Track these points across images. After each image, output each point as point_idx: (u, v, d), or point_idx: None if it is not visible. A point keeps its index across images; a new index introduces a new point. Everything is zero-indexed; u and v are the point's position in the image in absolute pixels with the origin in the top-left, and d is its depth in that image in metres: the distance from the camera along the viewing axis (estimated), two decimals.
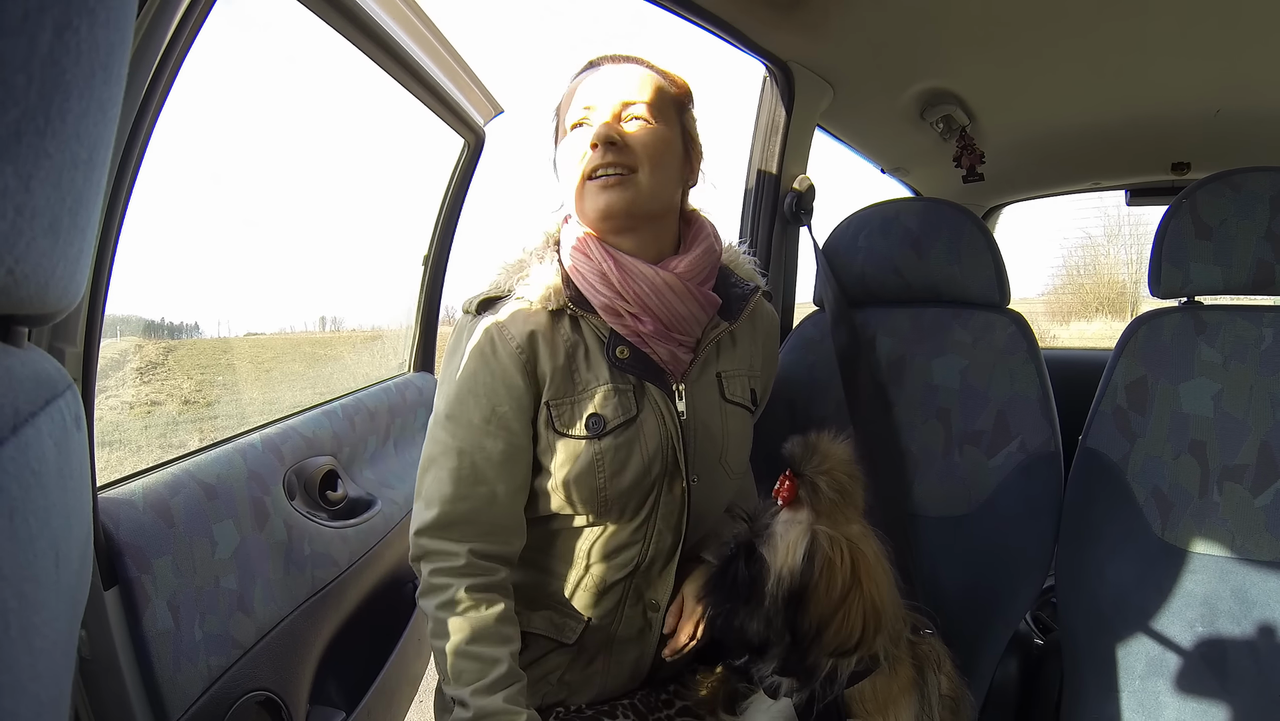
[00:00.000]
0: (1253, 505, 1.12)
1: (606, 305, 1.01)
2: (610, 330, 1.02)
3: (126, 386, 2.09)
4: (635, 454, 1.02)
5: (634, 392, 1.03)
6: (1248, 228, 1.18)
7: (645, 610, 1.10)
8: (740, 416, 1.13)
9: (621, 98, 1.00)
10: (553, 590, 1.09)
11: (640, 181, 0.99)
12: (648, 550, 1.07)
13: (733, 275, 1.14)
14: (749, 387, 1.15)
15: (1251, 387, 1.16)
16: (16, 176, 0.27)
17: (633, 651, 1.11)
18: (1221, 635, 1.10)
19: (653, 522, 1.06)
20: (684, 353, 1.05)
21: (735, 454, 1.13)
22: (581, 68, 1.06)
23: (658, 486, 1.05)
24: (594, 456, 1.01)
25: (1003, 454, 1.30)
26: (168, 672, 0.97)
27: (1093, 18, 1.53)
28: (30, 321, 0.35)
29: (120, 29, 0.33)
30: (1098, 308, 8.51)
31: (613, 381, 1.02)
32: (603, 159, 0.98)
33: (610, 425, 1.01)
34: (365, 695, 1.38)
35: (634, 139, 0.99)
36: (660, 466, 1.04)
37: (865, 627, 0.89)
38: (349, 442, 1.48)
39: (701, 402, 1.08)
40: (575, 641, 1.08)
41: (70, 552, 0.35)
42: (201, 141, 1.58)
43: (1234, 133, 1.99)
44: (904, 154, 2.36)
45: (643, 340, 1.02)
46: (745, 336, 1.15)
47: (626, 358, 1.02)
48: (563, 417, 1.02)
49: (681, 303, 1.02)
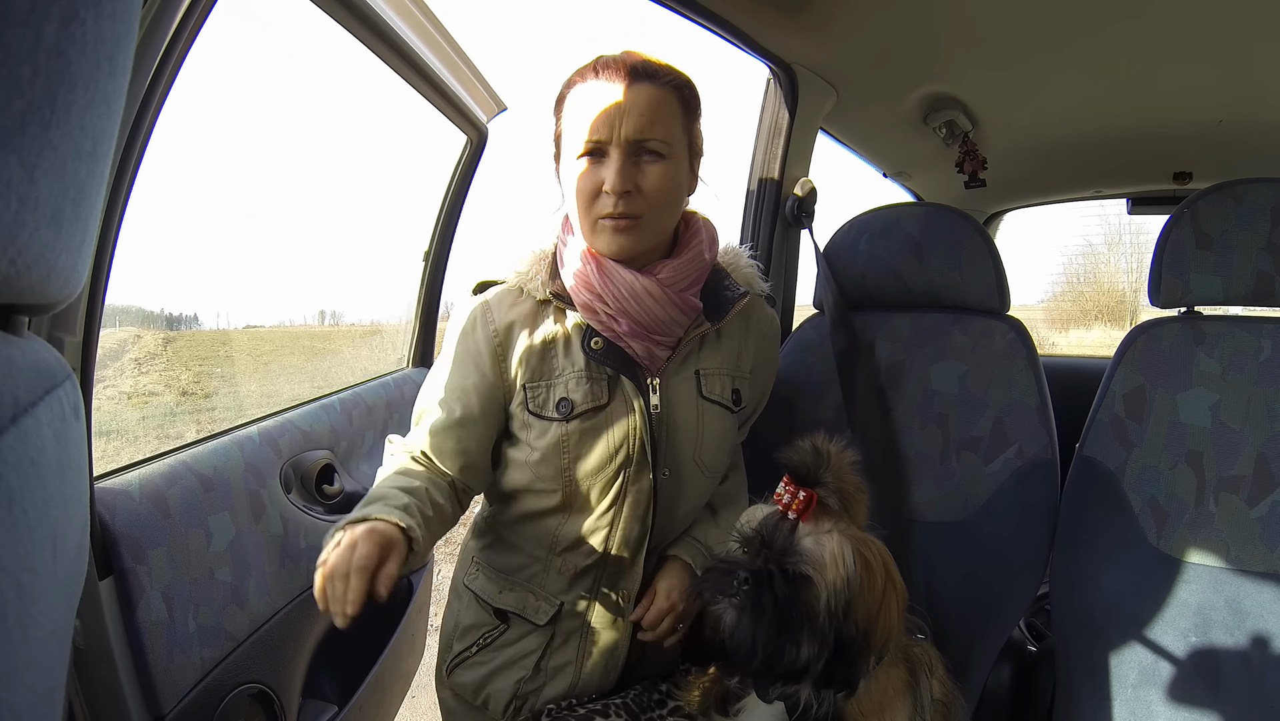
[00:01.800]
0: (1248, 516, 1.12)
1: (585, 304, 1.06)
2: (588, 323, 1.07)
3: (125, 376, 2.09)
4: (601, 440, 1.07)
5: (608, 383, 1.08)
6: (1248, 239, 1.18)
7: (618, 600, 1.13)
8: (717, 414, 1.15)
9: (635, 134, 0.99)
10: (530, 572, 1.14)
11: (650, 225, 1.04)
12: (615, 538, 1.10)
13: (727, 277, 1.16)
14: (731, 387, 1.16)
15: (1249, 399, 1.16)
16: (21, 167, 0.27)
17: (606, 642, 1.13)
18: (1214, 645, 1.10)
19: (620, 511, 1.09)
20: (661, 350, 1.09)
21: (711, 451, 1.14)
22: (584, 69, 1.03)
23: (624, 475, 1.08)
24: (560, 438, 1.06)
25: (1000, 460, 1.30)
26: (161, 663, 0.97)
27: (1097, 26, 1.53)
28: (31, 311, 0.35)
29: (126, 21, 0.33)
30: (1097, 316, 8.52)
31: (587, 370, 1.07)
32: (615, 208, 1.00)
33: (578, 409, 1.06)
34: (358, 690, 1.39)
35: (648, 185, 1.01)
36: (625, 455, 1.07)
37: (898, 623, 0.90)
38: (346, 437, 1.48)
39: (676, 398, 1.11)
40: (548, 623, 1.12)
41: (67, 543, 0.35)
42: (204, 134, 1.58)
43: (1236, 143, 1.99)
44: (906, 158, 2.36)
45: (618, 336, 1.06)
46: (733, 337, 1.17)
47: (601, 349, 1.06)
48: (537, 399, 1.08)
49: (660, 308, 1.05)
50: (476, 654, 1.16)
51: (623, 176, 0.99)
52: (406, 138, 1.90)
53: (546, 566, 1.13)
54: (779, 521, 0.90)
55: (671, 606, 1.11)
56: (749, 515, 0.95)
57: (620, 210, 1.00)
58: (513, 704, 1.13)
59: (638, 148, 1.00)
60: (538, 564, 1.13)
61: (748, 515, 0.96)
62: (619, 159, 0.99)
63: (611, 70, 1.01)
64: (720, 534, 1.20)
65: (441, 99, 1.60)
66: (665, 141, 1.01)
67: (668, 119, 1.01)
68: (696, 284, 1.10)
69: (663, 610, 1.10)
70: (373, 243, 2.27)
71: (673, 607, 1.11)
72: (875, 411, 1.37)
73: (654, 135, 1.00)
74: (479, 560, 1.20)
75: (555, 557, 1.12)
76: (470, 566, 1.21)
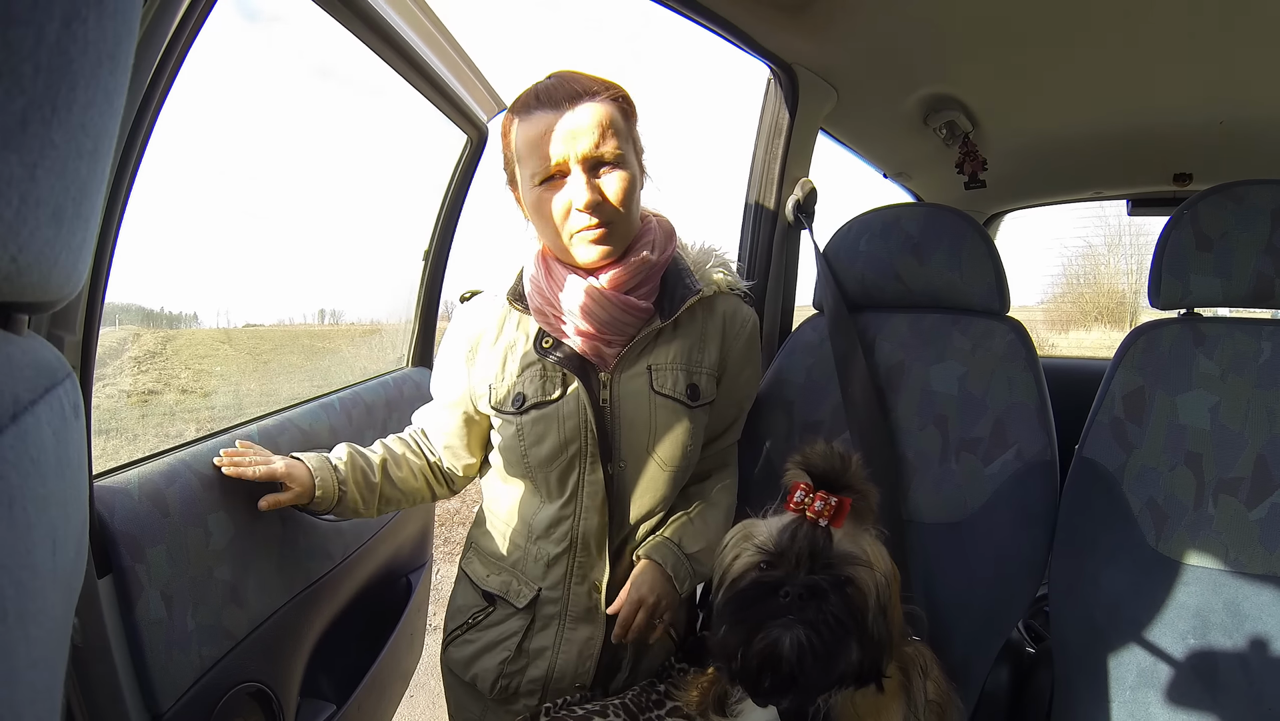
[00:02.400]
0: (1247, 518, 1.12)
1: (538, 309, 1.16)
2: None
3: (124, 375, 2.09)
4: (551, 431, 1.15)
5: (561, 379, 1.16)
6: (1248, 240, 1.18)
7: (590, 590, 1.19)
8: (670, 408, 1.18)
9: (588, 150, 1.05)
10: (513, 559, 1.23)
11: (621, 228, 1.11)
12: (578, 527, 1.17)
13: (689, 275, 1.19)
14: (687, 382, 1.19)
15: (1249, 401, 1.16)
16: (22, 165, 0.27)
17: (583, 630, 1.20)
18: (1213, 647, 1.10)
19: (579, 501, 1.17)
20: (611, 348, 1.16)
21: (668, 446, 1.19)
22: (523, 102, 1.09)
23: (578, 466, 1.16)
24: (516, 428, 1.17)
25: (999, 461, 1.30)
26: (159, 662, 0.97)
27: (1098, 27, 1.53)
28: (31, 309, 0.35)
29: (127, 20, 0.33)
30: (1097, 317, 8.52)
31: (541, 368, 1.16)
32: (589, 221, 1.07)
33: (530, 402, 1.16)
34: (356, 689, 1.39)
35: (612, 193, 1.08)
36: (578, 448, 1.15)
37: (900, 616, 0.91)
38: (345, 436, 1.48)
39: (627, 392, 1.17)
40: (527, 607, 1.20)
41: (67, 541, 0.35)
42: (205, 133, 1.58)
43: (1237, 145, 1.99)
44: (907, 159, 2.36)
45: (566, 335, 1.15)
46: (690, 333, 1.20)
47: (549, 347, 1.15)
48: (497, 395, 1.18)
49: (604, 311, 1.12)
50: (466, 632, 1.25)
51: (588, 191, 1.05)
52: (407, 136, 1.90)
53: (525, 553, 1.21)
54: (810, 529, 0.88)
55: (640, 600, 1.14)
56: (761, 529, 0.92)
57: (594, 222, 1.07)
58: (498, 683, 1.20)
59: (595, 163, 1.07)
60: (518, 550, 1.22)
61: (759, 529, 0.93)
62: (582, 177, 1.06)
63: (551, 98, 1.06)
64: (697, 532, 1.21)
65: (441, 98, 1.60)
66: (618, 147, 1.07)
67: (613, 130, 1.07)
68: (645, 284, 1.15)
69: (634, 603, 1.14)
70: (373, 241, 2.27)
71: (641, 601, 1.14)
72: (874, 412, 1.37)
73: (606, 148, 1.07)
74: (474, 545, 1.30)
75: (531, 545, 1.20)
76: (469, 551, 1.31)
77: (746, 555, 0.91)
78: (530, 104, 1.08)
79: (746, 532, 0.94)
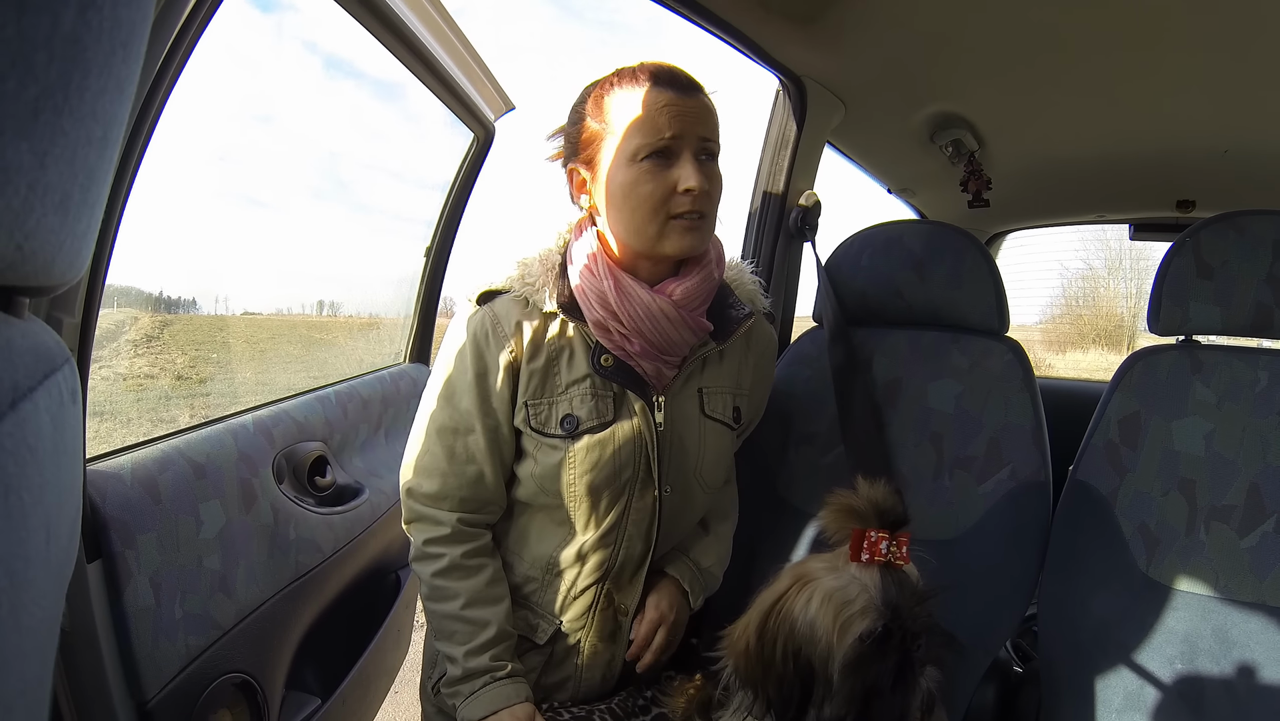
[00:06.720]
0: (1238, 546, 1.12)
1: (599, 321, 1.04)
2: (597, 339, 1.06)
3: (120, 358, 2.08)
4: (606, 457, 1.05)
5: (614, 399, 1.07)
6: (1249, 270, 1.19)
7: (615, 614, 1.13)
8: (719, 432, 1.15)
9: (706, 134, 1.01)
10: (528, 592, 1.13)
11: (711, 222, 1.05)
12: (618, 555, 1.10)
13: (731, 295, 1.16)
14: (733, 405, 1.17)
15: (1244, 429, 1.17)
16: (32, 153, 0.27)
17: (604, 655, 1.14)
18: (1200, 673, 1.10)
19: (623, 528, 1.09)
20: (668, 368, 1.09)
21: (711, 468, 1.15)
22: (630, 73, 1.02)
23: (628, 492, 1.08)
24: (565, 455, 1.05)
25: (993, 480, 1.30)
26: (146, 649, 0.97)
27: (1106, 52, 1.54)
28: (32, 293, 0.35)
29: (142, 7, 0.33)
30: (1095, 339, 8.52)
31: (592, 386, 1.06)
32: (694, 205, 1.00)
33: (584, 426, 1.05)
34: (341, 683, 1.38)
35: (714, 186, 1.03)
36: (631, 472, 1.07)
37: None
38: (340, 430, 1.48)
39: (680, 415, 1.11)
40: (547, 642, 1.12)
41: (60, 529, 0.34)
42: (212, 120, 1.58)
43: (1241, 173, 2.00)
44: (911, 175, 2.37)
45: (629, 355, 1.06)
46: (735, 355, 1.17)
47: (611, 366, 1.05)
48: (539, 417, 1.06)
49: (673, 328, 1.04)
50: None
51: (700, 175, 0.99)
52: (414, 132, 1.90)
53: (544, 585, 1.12)
54: (899, 575, 0.87)
55: (660, 617, 1.12)
56: (847, 590, 0.86)
57: (697, 209, 1.01)
58: None
59: (705, 149, 1.02)
60: (534, 582, 1.12)
61: (841, 590, 0.86)
62: (693, 161, 1.00)
63: (671, 80, 1.01)
64: (709, 546, 1.20)
65: (450, 95, 1.60)
66: (720, 149, 1.04)
67: (718, 133, 1.04)
68: (706, 302, 1.09)
69: (654, 621, 1.11)
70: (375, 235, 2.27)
71: (661, 618, 1.12)
72: (870, 427, 1.37)
73: (715, 139, 1.02)
74: None
75: (555, 576, 1.11)
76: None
77: (859, 622, 0.86)
78: (637, 76, 1.00)
79: (840, 601, 0.86)
